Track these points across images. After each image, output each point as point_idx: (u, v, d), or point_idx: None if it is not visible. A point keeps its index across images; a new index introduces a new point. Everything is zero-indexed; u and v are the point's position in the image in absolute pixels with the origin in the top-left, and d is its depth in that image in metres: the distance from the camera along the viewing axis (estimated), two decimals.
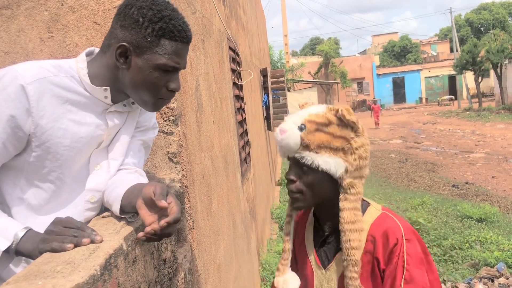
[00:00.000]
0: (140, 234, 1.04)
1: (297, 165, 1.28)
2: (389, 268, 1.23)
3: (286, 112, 10.08)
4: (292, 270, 1.40)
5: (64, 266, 0.87)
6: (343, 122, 1.25)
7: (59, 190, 1.21)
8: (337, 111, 1.26)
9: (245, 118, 4.40)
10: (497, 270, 4.63)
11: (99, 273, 0.87)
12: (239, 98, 4.08)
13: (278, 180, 9.47)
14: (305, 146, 1.25)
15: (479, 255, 5.02)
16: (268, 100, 8.39)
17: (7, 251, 1.06)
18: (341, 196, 1.26)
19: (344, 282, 1.24)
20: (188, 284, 1.59)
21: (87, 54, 1.24)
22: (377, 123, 23.64)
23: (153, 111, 1.27)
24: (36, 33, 1.58)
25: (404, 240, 1.23)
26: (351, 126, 1.25)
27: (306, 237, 1.41)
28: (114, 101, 1.25)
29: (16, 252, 1.06)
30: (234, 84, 3.85)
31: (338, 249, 1.30)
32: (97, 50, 1.26)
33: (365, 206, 1.34)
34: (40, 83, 1.11)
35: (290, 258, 1.38)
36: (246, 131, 4.40)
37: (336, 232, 1.30)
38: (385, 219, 1.29)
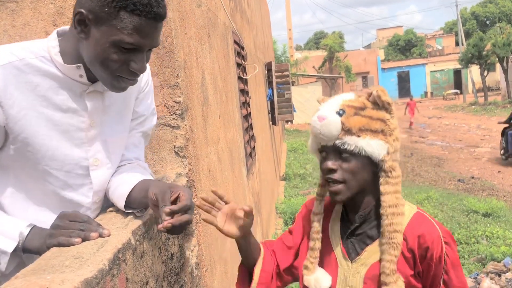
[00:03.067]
0: (159, 226, 1.04)
1: (335, 154, 1.24)
2: (427, 270, 1.23)
3: (291, 107, 10.05)
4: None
5: (73, 261, 0.86)
6: (377, 105, 1.24)
7: (50, 185, 1.14)
8: (370, 94, 1.25)
9: (250, 113, 4.38)
10: (504, 265, 4.60)
11: (107, 267, 0.86)
12: (244, 92, 4.06)
13: (283, 175, 9.46)
14: (347, 131, 1.22)
15: (486, 250, 4.99)
16: (273, 94, 8.37)
17: (14, 250, 1.04)
18: (381, 180, 1.24)
19: (381, 266, 1.23)
20: (195, 278, 1.58)
21: (59, 34, 1.13)
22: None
23: (113, 90, 1.12)
24: (41, 26, 1.57)
25: (443, 243, 1.23)
26: (386, 108, 1.24)
27: (331, 229, 1.37)
28: (93, 80, 1.13)
29: (24, 250, 1.04)
30: (239, 78, 3.83)
31: (368, 241, 1.28)
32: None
33: None
34: (3, 69, 1.03)
35: (319, 256, 1.34)
36: (251, 126, 4.39)
37: (366, 223, 1.28)
38: (422, 221, 1.27)
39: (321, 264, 1.34)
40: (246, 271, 1.41)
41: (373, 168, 1.25)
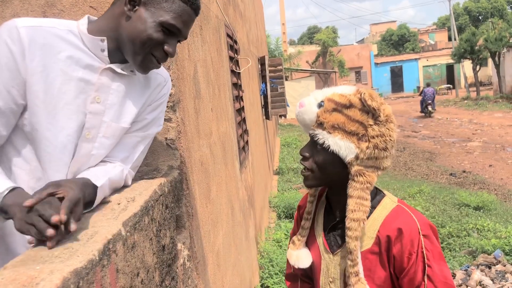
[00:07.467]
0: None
1: (312, 143, 1.27)
2: (409, 265, 1.20)
3: (284, 101, 10.05)
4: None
5: (62, 251, 0.86)
6: (365, 107, 1.21)
7: (37, 143, 1.17)
8: (361, 94, 1.22)
9: (243, 106, 4.37)
10: (494, 257, 4.66)
11: (97, 258, 0.86)
12: (237, 86, 4.05)
13: (276, 169, 9.47)
14: (319, 124, 1.23)
15: (477, 243, 5.04)
16: (266, 89, 8.35)
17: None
18: (349, 182, 1.24)
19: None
20: (187, 270, 1.59)
21: (90, 19, 1.24)
22: None
23: (140, 68, 1.21)
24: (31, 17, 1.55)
25: (422, 236, 1.20)
26: (372, 113, 1.21)
27: (316, 220, 1.39)
28: (112, 61, 1.22)
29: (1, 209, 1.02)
30: (232, 71, 3.82)
31: None
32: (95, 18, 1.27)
33: (379, 197, 1.31)
34: (33, 30, 1.12)
35: (307, 236, 1.36)
36: (244, 120, 4.38)
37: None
38: (400, 214, 1.25)
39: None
40: None
41: (345, 168, 1.24)
